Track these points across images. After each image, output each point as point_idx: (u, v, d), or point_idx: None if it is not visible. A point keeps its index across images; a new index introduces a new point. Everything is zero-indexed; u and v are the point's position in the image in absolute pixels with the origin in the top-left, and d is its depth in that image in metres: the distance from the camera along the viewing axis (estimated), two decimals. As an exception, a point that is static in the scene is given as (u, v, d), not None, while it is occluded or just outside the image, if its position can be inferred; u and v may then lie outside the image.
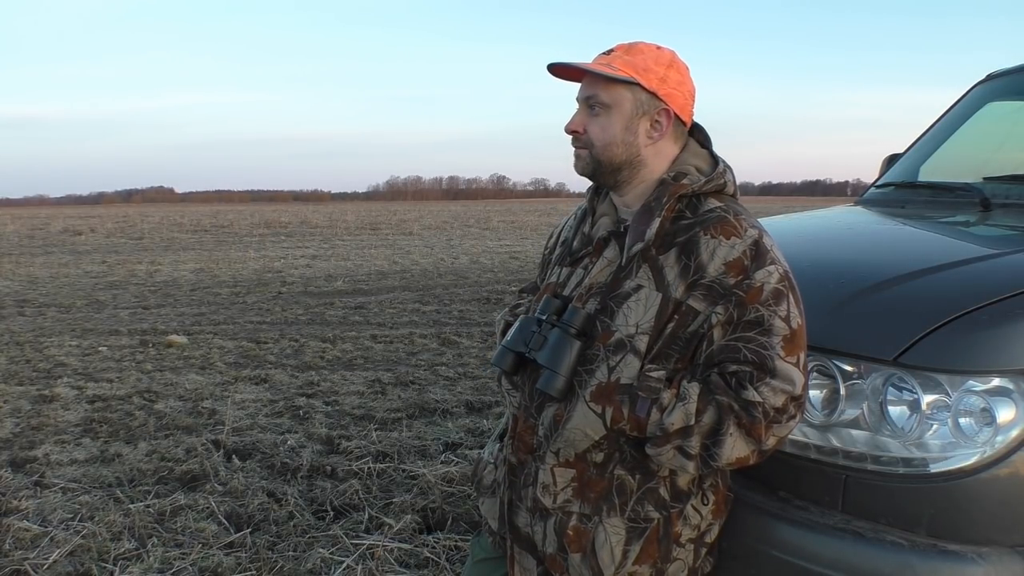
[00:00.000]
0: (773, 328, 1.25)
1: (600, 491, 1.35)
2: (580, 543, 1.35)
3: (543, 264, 1.63)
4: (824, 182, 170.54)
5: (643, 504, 1.34)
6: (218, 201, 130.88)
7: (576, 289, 1.41)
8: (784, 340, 1.25)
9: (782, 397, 1.23)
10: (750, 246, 1.28)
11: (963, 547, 1.31)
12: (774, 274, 1.27)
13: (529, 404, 1.42)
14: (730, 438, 1.23)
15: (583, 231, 1.49)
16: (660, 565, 1.35)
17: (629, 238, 1.35)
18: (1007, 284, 1.44)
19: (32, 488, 3.26)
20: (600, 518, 1.34)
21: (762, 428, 1.23)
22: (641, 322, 1.31)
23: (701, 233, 1.31)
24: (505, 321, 1.58)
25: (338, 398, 4.66)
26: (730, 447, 1.24)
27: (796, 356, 1.26)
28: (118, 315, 8.07)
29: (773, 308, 1.25)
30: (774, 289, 1.26)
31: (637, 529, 1.34)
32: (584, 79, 1.39)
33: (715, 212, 1.33)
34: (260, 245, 18.35)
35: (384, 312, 8.01)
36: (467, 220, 31.53)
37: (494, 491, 1.55)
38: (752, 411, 1.23)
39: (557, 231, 1.63)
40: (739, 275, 1.26)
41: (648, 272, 1.33)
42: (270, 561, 2.61)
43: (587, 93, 1.38)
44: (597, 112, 1.37)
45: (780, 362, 1.24)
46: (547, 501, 1.38)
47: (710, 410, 1.24)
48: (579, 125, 1.39)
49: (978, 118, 2.77)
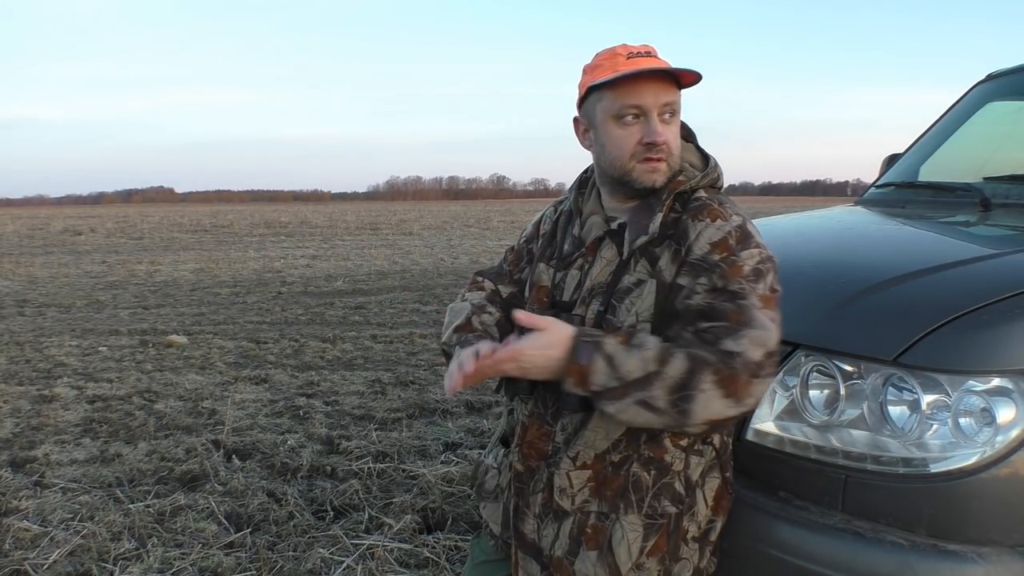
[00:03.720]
0: (752, 294, 1.25)
1: (616, 488, 1.35)
2: (597, 540, 1.35)
3: (518, 254, 1.61)
4: (824, 182, 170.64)
5: (659, 500, 1.35)
6: (218, 201, 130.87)
7: (576, 293, 1.41)
8: (761, 298, 1.25)
9: (760, 351, 1.20)
10: (736, 228, 1.31)
11: (963, 547, 1.31)
12: (756, 256, 1.29)
13: (544, 412, 1.41)
14: (703, 394, 1.17)
15: (572, 233, 1.48)
16: (668, 563, 1.35)
17: (630, 233, 1.36)
18: (1007, 284, 1.44)
19: (32, 488, 3.26)
20: (617, 515, 1.34)
21: (741, 381, 1.19)
22: (641, 311, 1.32)
23: (689, 220, 1.33)
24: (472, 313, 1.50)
25: (338, 398, 4.66)
26: (703, 404, 1.18)
27: (772, 312, 1.25)
28: (118, 315, 8.07)
29: (753, 283, 1.26)
30: (755, 268, 1.27)
31: (655, 525, 1.34)
32: (658, 86, 1.32)
33: (700, 201, 1.36)
34: (260, 245, 18.35)
35: (384, 312, 8.01)
36: (467, 220, 31.53)
37: (497, 496, 1.55)
38: (731, 361, 1.19)
39: (535, 222, 1.61)
40: (724, 253, 1.28)
41: (646, 265, 1.34)
42: (270, 561, 2.61)
43: (668, 99, 1.34)
44: (671, 120, 1.35)
45: (758, 312, 1.23)
46: (565, 504, 1.38)
47: (676, 361, 1.19)
48: (665, 134, 1.34)
49: (978, 118, 2.77)
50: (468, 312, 1.50)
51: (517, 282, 1.59)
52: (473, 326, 1.47)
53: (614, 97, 1.34)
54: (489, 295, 1.58)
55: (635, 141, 1.34)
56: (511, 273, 1.61)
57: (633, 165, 1.35)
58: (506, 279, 1.60)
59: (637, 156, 1.35)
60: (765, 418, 1.52)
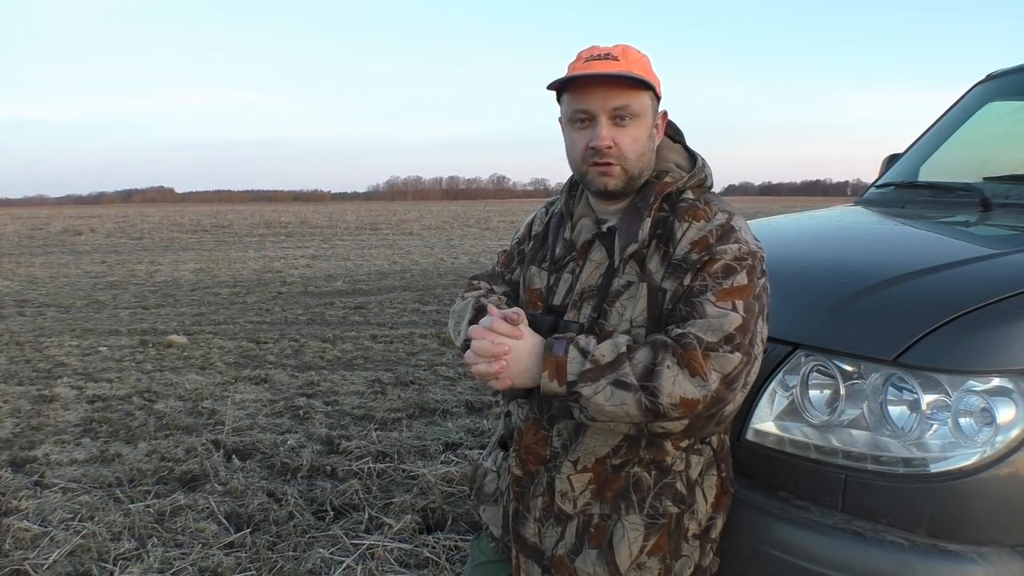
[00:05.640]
0: (710, 289, 1.25)
1: (617, 489, 1.35)
2: (598, 539, 1.35)
3: (509, 255, 1.61)
4: (824, 182, 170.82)
5: (661, 500, 1.35)
6: (218, 201, 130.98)
7: (568, 297, 1.41)
8: (720, 292, 1.25)
9: (712, 335, 1.22)
10: (717, 226, 1.31)
11: (963, 547, 1.31)
12: (731, 252, 1.28)
13: (540, 417, 1.41)
14: (668, 370, 1.19)
15: (564, 237, 1.47)
16: (669, 561, 1.36)
17: (620, 240, 1.35)
18: (1007, 284, 1.44)
19: (32, 488, 3.26)
20: (619, 515, 1.35)
21: (699, 356, 1.20)
22: (634, 316, 1.32)
23: (675, 221, 1.34)
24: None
25: (338, 398, 4.66)
26: (670, 381, 1.19)
27: (730, 303, 1.24)
28: (118, 315, 8.07)
29: (719, 280, 1.26)
30: (726, 264, 1.27)
31: (656, 525, 1.35)
32: (607, 90, 1.31)
33: (687, 202, 1.36)
34: (260, 245, 18.35)
35: (384, 312, 8.01)
36: (467, 220, 31.53)
37: (496, 499, 1.54)
38: (683, 339, 1.22)
39: (527, 223, 1.61)
40: (701, 251, 1.29)
41: (635, 268, 1.35)
42: (270, 561, 2.61)
43: (617, 103, 1.31)
44: (626, 123, 1.33)
45: (709, 306, 1.24)
46: (567, 507, 1.38)
47: (642, 349, 1.23)
48: (611, 139, 1.32)
49: (978, 118, 2.77)
50: (473, 304, 1.48)
51: (508, 283, 1.59)
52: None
53: (569, 100, 1.36)
54: (485, 294, 1.57)
55: (583, 145, 1.35)
56: (502, 274, 1.61)
57: (586, 169, 1.36)
58: (498, 280, 1.60)
59: (587, 160, 1.35)
60: (765, 418, 1.52)
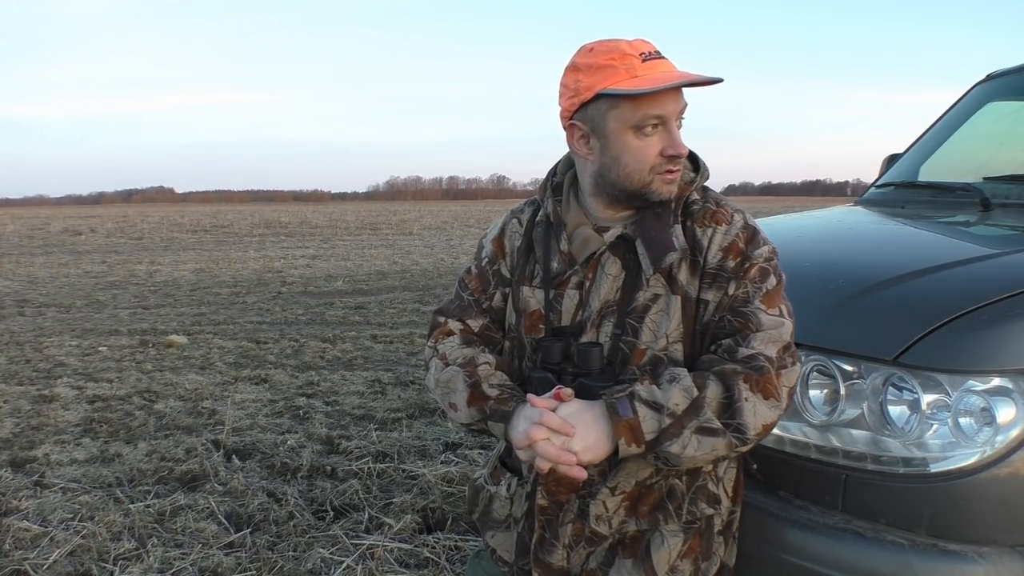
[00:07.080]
0: (756, 296, 1.25)
1: (652, 503, 1.32)
2: (633, 550, 1.32)
3: (480, 278, 1.45)
4: (824, 182, 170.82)
5: (696, 504, 1.33)
6: (218, 201, 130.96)
7: (579, 315, 1.32)
8: (765, 298, 1.25)
9: (773, 347, 1.21)
10: (741, 228, 1.30)
11: (963, 547, 1.31)
12: (764, 253, 1.28)
13: None
14: (747, 403, 1.16)
15: (560, 249, 1.35)
16: (700, 562, 1.33)
17: (651, 250, 1.27)
18: (1007, 284, 1.44)
19: (32, 488, 3.26)
20: (657, 526, 1.32)
21: (773, 379, 1.18)
22: (670, 331, 1.27)
23: (696, 226, 1.30)
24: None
25: (338, 398, 4.66)
26: (752, 412, 1.16)
27: (778, 307, 1.25)
28: (118, 315, 8.07)
29: (758, 284, 1.26)
30: (761, 268, 1.27)
31: (692, 529, 1.33)
32: (676, 92, 1.25)
33: (698, 204, 1.33)
34: (260, 245, 18.35)
35: (384, 312, 8.01)
36: (467, 220, 31.53)
37: (508, 527, 1.44)
38: (755, 362, 1.19)
39: (493, 238, 1.46)
40: (738, 257, 1.27)
41: (660, 279, 1.28)
42: (270, 561, 2.61)
43: (681, 106, 1.27)
44: (680, 125, 1.29)
45: (763, 315, 1.23)
46: (603, 529, 1.33)
47: (711, 384, 1.18)
48: (685, 146, 1.27)
49: (978, 118, 2.77)
50: (464, 379, 1.34)
51: (487, 311, 1.44)
52: (487, 394, 1.31)
53: (634, 107, 1.23)
54: (462, 338, 1.42)
55: (656, 152, 1.25)
56: (477, 302, 1.44)
57: (652, 178, 1.27)
58: (472, 311, 1.44)
59: (657, 168, 1.26)
60: (765, 418, 1.52)
